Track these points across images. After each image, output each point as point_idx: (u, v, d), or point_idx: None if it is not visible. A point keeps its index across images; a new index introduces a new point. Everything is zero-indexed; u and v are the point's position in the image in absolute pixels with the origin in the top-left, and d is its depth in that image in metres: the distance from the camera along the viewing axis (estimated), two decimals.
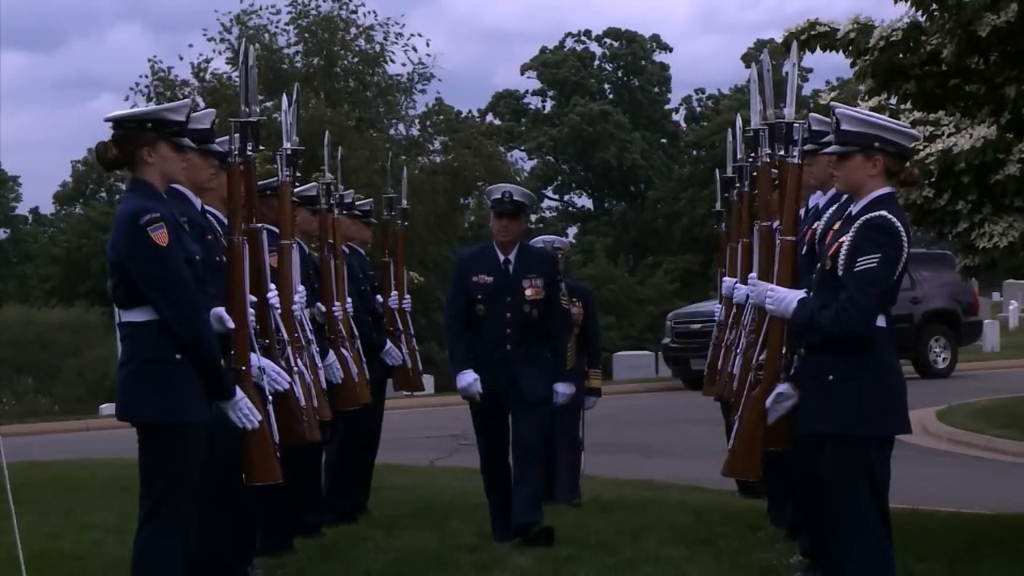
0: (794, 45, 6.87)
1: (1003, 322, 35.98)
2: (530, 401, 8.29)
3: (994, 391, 20.09)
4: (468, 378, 8.30)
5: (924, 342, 23.76)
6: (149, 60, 35.70)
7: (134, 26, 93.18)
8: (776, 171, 6.71)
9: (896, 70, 8.22)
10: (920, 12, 8.05)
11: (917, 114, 8.18)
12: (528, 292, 8.33)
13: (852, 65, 8.42)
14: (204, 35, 36.19)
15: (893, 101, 8.43)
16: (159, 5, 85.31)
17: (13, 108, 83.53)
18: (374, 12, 46.79)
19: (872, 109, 7.57)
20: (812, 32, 8.42)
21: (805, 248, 6.15)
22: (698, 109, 64.47)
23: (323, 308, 8.32)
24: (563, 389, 8.50)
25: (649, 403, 21.47)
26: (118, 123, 5.56)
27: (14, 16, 79.78)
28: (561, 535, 8.29)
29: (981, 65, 8.10)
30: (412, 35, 38.26)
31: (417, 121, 40.75)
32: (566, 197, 63.72)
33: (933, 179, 7.88)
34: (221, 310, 5.67)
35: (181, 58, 36.98)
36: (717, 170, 9.70)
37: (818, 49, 8.47)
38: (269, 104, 30.82)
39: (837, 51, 8.38)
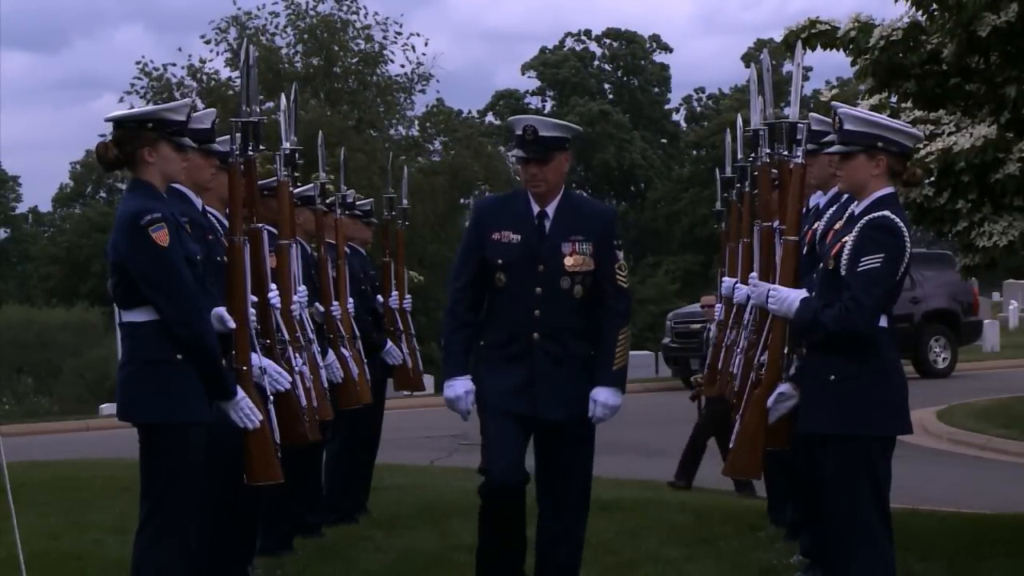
0: (798, 45, 6.87)
1: (1003, 322, 35.96)
2: (556, 421, 6.07)
3: (994, 391, 20.07)
4: (458, 388, 6.09)
5: (924, 342, 23.74)
6: (137, 62, 35.66)
7: (137, 26, 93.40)
8: (776, 171, 6.70)
9: (896, 69, 8.23)
10: (920, 12, 8.06)
11: (917, 113, 8.18)
12: (569, 261, 6.04)
13: (853, 64, 8.43)
14: (202, 39, 36.25)
15: (893, 100, 8.43)
16: (162, 5, 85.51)
17: (15, 108, 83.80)
18: (375, 12, 46.83)
19: (872, 108, 7.58)
20: (813, 31, 8.43)
21: (805, 248, 6.14)
22: (698, 109, 64.52)
23: (322, 308, 8.32)
24: (604, 398, 6.06)
25: (649, 403, 21.41)
26: (118, 123, 5.56)
27: (16, 17, 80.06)
28: None
29: (981, 65, 8.11)
30: (411, 35, 38.36)
31: (416, 121, 40.82)
32: None
33: (933, 178, 7.88)
34: (222, 310, 5.67)
35: (175, 64, 36.98)
36: (717, 170, 9.69)
37: (819, 48, 8.48)
38: (270, 104, 30.84)
39: (837, 50, 8.39)
